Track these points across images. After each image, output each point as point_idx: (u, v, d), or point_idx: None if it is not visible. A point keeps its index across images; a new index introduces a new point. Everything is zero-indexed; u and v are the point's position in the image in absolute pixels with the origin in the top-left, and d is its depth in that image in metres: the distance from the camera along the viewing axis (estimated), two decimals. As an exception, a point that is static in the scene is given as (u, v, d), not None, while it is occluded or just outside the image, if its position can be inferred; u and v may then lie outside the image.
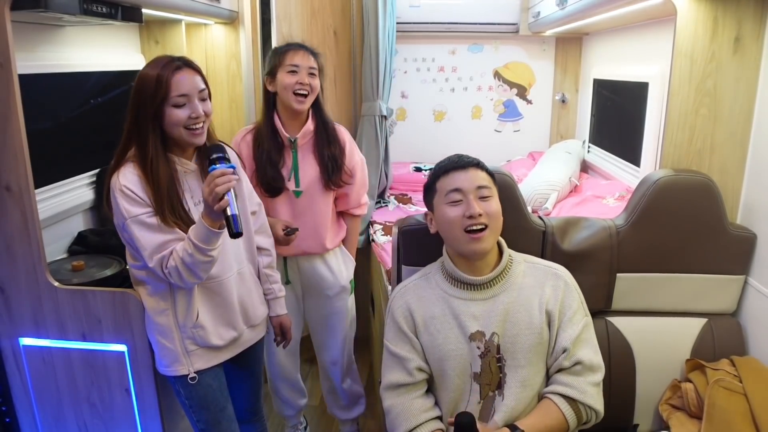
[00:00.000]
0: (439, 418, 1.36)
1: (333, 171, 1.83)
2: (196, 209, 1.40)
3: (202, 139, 1.39)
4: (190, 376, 1.44)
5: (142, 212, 1.32)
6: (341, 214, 2.00)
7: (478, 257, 1.33)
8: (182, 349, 1.43)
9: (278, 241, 1.76)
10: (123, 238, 1.39)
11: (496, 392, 1.32)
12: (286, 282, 1.92)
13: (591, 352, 1.32)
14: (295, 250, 1.88)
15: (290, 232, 1.80)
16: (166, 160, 1.37)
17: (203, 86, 1.38)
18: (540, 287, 1.35)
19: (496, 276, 1.35)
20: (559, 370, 1.32)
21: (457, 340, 1.32)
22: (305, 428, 2.29)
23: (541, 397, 1.33)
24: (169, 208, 1.34)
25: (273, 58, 1.81)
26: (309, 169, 1.83)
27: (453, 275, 1.36)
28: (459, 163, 1.34)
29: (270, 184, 1.80)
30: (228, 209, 1.27)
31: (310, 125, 1.82)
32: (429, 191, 1.39)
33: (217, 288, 1.46)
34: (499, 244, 1.39)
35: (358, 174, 1.92)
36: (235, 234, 1.28)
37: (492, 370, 1.32)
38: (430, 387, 1.39)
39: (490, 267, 1.36)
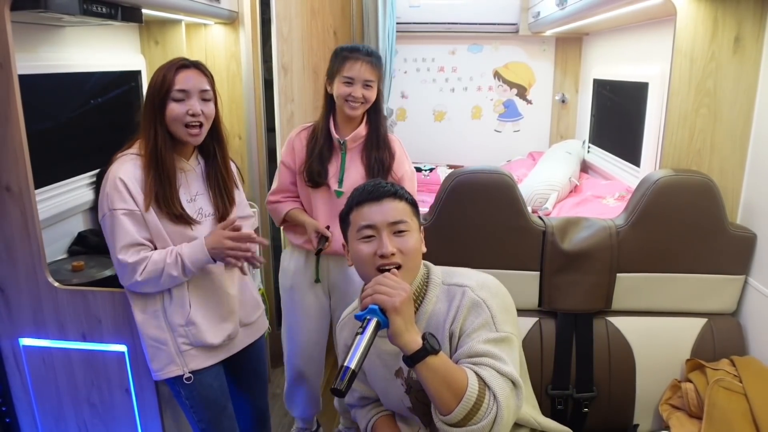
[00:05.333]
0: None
1: (378, 174, 1.83)
2: (188, 205, 1.43)
3: (198, 140, 1.41)
4: (185, 377, 1.43)
5: (125, 208, 1.34)
6: None
7: None
8: (175, 349, 1.43)
9: (309, 242, 1.83)
10: (104, 230, 1.39)
11: None
12: (316, 280, 1.93)
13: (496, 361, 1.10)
14: (328, 248, 1.88)
15: (321, 243, 1.82)
16: (172, 153, 1.40)
17: (207, 88, 1.40)
18: (447, 310, 1.19)
19: None
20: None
21: (385, 378, 1.26)
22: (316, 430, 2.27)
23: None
24: (168, 198, 1.37)
25: (333, 62, 1.83)
26: (354, 171, 1.85)
27: None
28: (373, 194, 1.21)
29: (312, 175, 1.84)
30: (348, 359, 0.99)
31: (361, 130, 1.84)
32: (343, 222, 1.26)
33: (210, 284, 1.46)
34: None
35: (406, 184, 1.88)
36: (337, 391, 0.98)
37: (424, 402, 1.21)
38: None
39: None
